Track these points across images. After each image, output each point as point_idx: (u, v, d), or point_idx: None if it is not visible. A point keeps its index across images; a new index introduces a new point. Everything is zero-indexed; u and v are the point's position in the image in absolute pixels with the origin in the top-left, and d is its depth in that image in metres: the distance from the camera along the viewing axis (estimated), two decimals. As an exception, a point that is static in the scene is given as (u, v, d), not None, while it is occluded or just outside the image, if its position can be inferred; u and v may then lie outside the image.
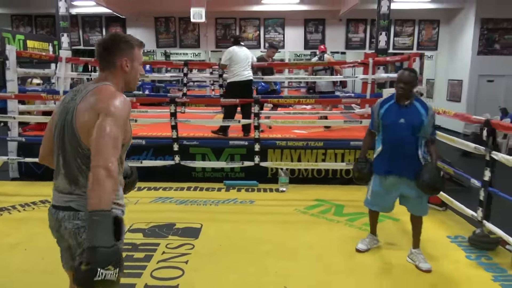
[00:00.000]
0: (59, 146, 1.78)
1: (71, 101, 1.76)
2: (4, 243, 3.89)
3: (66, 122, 1.74)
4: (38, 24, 13.85)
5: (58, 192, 1.82)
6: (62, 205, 1.78)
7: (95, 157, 1.59)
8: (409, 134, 3.34)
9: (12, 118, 5.85)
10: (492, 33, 11.98)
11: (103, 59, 1.82)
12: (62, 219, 1.76)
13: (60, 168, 1.79)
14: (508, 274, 3.41)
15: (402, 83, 3.31)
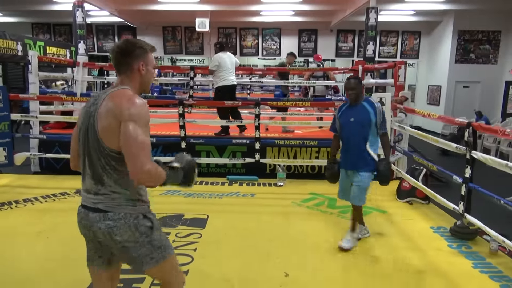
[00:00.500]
0: (85, 148, 1.72)
1: (92, 105, 1.70)
2: (28, 232, 3.85)
3: (89, 125, 1.68)
4: (56, 32, 13.76)
5: (86, 193, 1.76)
6: (90, 206, 1.72)
7: (130, 164, 1.57)
8: (357, 131, 3.49)
9: (34, 118, 5.81)
10: (468, 44, 12.01)
11: (120, 63, 1.75)
12: (93, 220, 1.71)
13: (86, 169, 1.73)
14: (486, 261, 3.42)
15: (350, 90, 3.51)
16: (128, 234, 1.70)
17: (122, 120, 1.59)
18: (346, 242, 3.56)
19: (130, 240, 1.71)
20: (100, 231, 1.70)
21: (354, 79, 3.58)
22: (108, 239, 1.71)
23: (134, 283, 2.94)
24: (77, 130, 1.77)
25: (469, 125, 3.48)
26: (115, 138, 1.61)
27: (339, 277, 3.11)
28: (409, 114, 5.69)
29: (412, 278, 3.12)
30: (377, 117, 3.47)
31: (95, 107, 1.67)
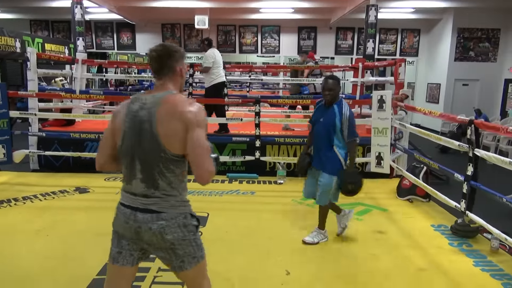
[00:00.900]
0: (134, 152, 1.71)
1: (141, 110, 1.69)
2: (28, 230, 3.83)
3: (143, 130, 1.68)
4: (55, 29, 13.69)
5: (132, 195, 1.75)
6: (140, 207, 1.73)
7: (199, 168, 1.66)
8: (324, 133, 3.44)
9: (33, 115, 5.77)
10: (468, 41, 12.00)
11: (164, 65, 1.76)
12: (144, 221, 1.71)
13: (135, 173, 1.72)
14: (487, 259, 3.41)
15: (328, 90, 3.42)
16: (178, 233, 1.74)
17: (190, 126, 1.65)
18: (309, 237, 3.62)
19: (179, 239, 1.74)
20: (150, 231, 1.71)
21: (332, 79, 3.47)
22: (158, 239, 1.72)
23: (135, 281, 2.91)
24: (119, 133, 1.74)
25: (471, 123, 3.47)
26: (178, 143, 1.67)
27: (340, 275, 3.09)
28: (408, 111, 5.67)
29: (413, 277, 3.11)
30: (342, 122, 3.36)
31: (147, 112, 1.68)
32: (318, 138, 3.51)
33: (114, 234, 1.83)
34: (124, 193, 1.79)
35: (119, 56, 15.55)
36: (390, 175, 5.72)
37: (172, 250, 1.76)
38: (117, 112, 1.80)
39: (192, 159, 1.68)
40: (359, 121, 6.46)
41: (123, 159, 1.77)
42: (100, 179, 5.63)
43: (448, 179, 5.60)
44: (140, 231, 1.73)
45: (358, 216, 4.38)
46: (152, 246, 1.78)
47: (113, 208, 1.86)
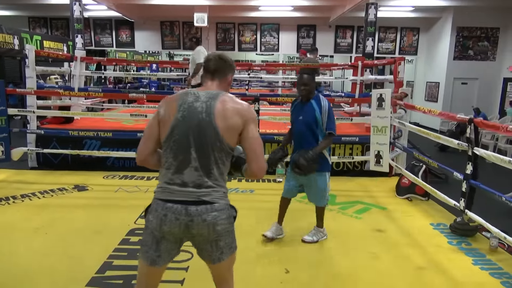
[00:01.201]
0: (190, 142, 1.75)
1: (196, 102, 1.78)
2: (26, 228, 3.82)
3: (201, 120, 1.75)
4: (53, 26, 13.63)
5: (182, 187, 1.75)
6: (192, 200, 1.74)
7: (255, 162, 1.81)
8: (305, 130, 3.35)
9: (31, 112, 5.75)
10: (467, 40, 12.00)
11: (221, 71, 1.91)
12: (196, 213, 1.73)
13: (190, 161, 1.75)
14: (486, 258, 3.42)
15: (303, 85, 3.33)
16: (225, 224, 1.80)
17: (248, 122, 1.79)
18: (308, 236, 3.61)
19: (224, 230, 1.80)
20: (204, 223, 1.74)
21: (307, 74, 3.37)
22: (210, 230, 1.76)
23: (134, 279, 2.91)
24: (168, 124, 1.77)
25: (471, 122, 3.47)
26: (235, 137, 1.79)
27: (339, 274, 3.09)
28: (408, 110, 5.67)
29: (412, 275, 3.12)
30: (322, 116, 3.31)
31: (204, 104, 1.77)
32: (301, 137, 3.40)
33: (152, 238, 1.79)
34: (169, 187, 1.77)
35: (118, 54, 15.52)
36: (389, 173, 5.72)
37: (216, 241, 1.80)
38: (167, 103, 1.84)
39: (250, 154, 1.81)
40: (359, 119, 6.50)
41: (173, 148, 1.77)
42: (98, 177, 5.62)
43: (447, 178, 5.60)
44: (191, 225, 1.74)
45: (357, 215, 4.39)
46: (197, 239, 1.80)
47: (111, 206, 1.87)
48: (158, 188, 1.82)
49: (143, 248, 1.82)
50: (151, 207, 1.82)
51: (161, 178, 1.82)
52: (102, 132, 5.66)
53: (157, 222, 1.76)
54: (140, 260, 1.84)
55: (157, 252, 1.80)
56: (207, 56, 1.95)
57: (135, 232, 3.74)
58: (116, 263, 3.15)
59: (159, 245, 1.79)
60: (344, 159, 5.77)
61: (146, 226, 1.83)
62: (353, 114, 7.58)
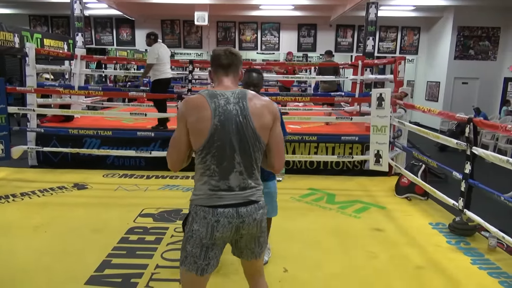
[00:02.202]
0: (233, 146, 1.73)
1: (228, 104, 1.73)
2: (26, 226, 3.83)
3: (239, 123, 1.72)
4: (54, 24, 13.62)
5: (227, 191, 1.75)
6: (241, 202, 1.76)
7: (279, 158, 1.86)
8: None
9: (31, 111, 5.76)
10: (468, 40, 11.98)
11: (234, 65, 1.87)
12: (247, 214, 1.76)
13: (234, 166, 1.74)
14: (485, 258, 3.42)
15: (252, 86, 2.81)
16: (265, 220, 1.87)
17: (276, 119, 1.83)
18: None
19: (265, 226, 1.87)
20: (254, 222, 1.79)
21: (256, 73, 2.91)
22: (258, 227, 1.82)
23: (132, 278, 2.92)
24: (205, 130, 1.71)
25: (470, 121, 3.47)
26: (268, 134, 1.81)
27: (338, 273, 3.10)
28: (408, 109, 5.67)
29: (411, 274, 3.12)
30: None
31: (237, 106, 1.74)
32: None
33: (201, 247, 1.76)
34: (216, 193, 1.75)
35: (118, 52, 15.51)
36: (389, 173, 5.72)
37: (258, 238, 1.86)
38: (195, 108, 1.73)
39: (275, 149, 1.85)
40: (359, 119, 6.50)
41: (215, 155, 1.73)
42: (98, 175, 5.63)
43: (447, 177, 5.60)
44: (242, 226, 1.77)
45: (356, 214, 4.39)
46: (244, 238, 1.84)
47: (111, 204, 1.89)
48: (201, 196, 1.77)
49: (190, 259, 1.77)
50: (195, 216, 1.77)
51: (201, 185, 1.78)
52: (102, 130, 5.67)
53: (207, 230, 1.73)
54: (186, 272, 1.80)
55: (206, 261, 1.78)
56: (215, 53, 1.87)
57: (134, 231, 3.75)
58: (115, 262, 3.16)
59: (208, 253, 1.77)
60: (343, 159, 5.78)
61: (190, 236, 1.77)
62: (353, 114, 7.58)
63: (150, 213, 4.22)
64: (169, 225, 3.88)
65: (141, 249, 3.38)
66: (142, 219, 4.05)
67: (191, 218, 1.78)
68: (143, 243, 3.51)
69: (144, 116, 5.99)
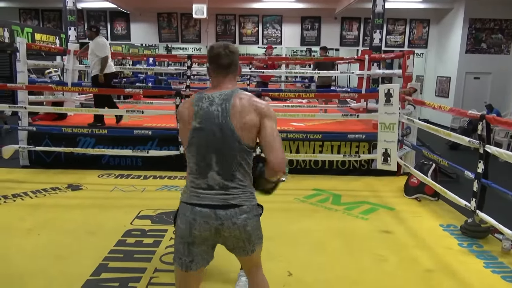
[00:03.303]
0: (210, 147, 1.84)
1: (211, 106, 1.84)
2: (19, 228, 3.85)
3: (217, 124, 1.82)
4: (45, 18, 13.65)
5: (207, 190, 1.85)
6: (220, 204, 1.83)
7: (272, 154, 1.84)
8: None
9: (23, 108, 5.78)
10: (480, 33, 11.97)
11: (234, 64, 1.94)
12: (226, 217, 1.82)
13: (211, 166, 1.84)
14: (498, 261, 3.43)
15: None
16: (255, 223, 1.91)
17: (267, 118, 1.86)
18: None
19: (255, 228, 1.91)
20: (234, 226, 1.83)
21: None
22: (241, 232, 1.86)
23: (130, 282, 2.94)
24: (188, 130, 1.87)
25: (483, 118, 3.48)
26: (251, 135, 1.85)
27: (344, 277, 3.12)
28: (418, 106, 5.68)
29: (421, 278, 3.13)
30: None
31: (219, 107, 1.83)
32: None
33: (183, 244, 1.87)
34: (196, 191, 1.87)
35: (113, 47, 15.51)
36: (397, 172, 5.73)
37: (248, 239, 1.90)
38: (185, 109, 1.91)
39: (270, 148, 1.86)
40: (365, 116, 6.51)
41: (194, 154, 1.87)
42: (93, 175, 5.65)
43: (458, 177, 5.61)
44: (221, 228, 1.83)
45: (363, 215, 4.41)
46: (230, 240, 1.89)
47: (107, 206, 1.91)
48: (185, 193, 1.91)
49: (176, 255, 1.90)
50: (179, 212, 1.89)
51: (187, 182, 1.92)
52: (96, 129, 5.68)
53: (186, 226, 1.84)
54: (175, 267, 1.93)
55: (190, 257, 1.87)
56: (214, 51, 1.92)
57: (131, 233, 3.77)
58: (111, 265, 3.18)
59: (190, 249, 1.87)
60: (350, 158, 5.79)
61: (176, 232, 1.91)
62: (360, 110, 7.58)
63: (148, 214, 4.24)
64: (168, 227, 3.90)
65: (139, 252, 3.40)
66: (139, 221, 4.07)
67: (176, 213, 1.91)
68: (141, 246, 3.53)
69: (141, 114, 6.00)
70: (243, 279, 2.93)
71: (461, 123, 10.09)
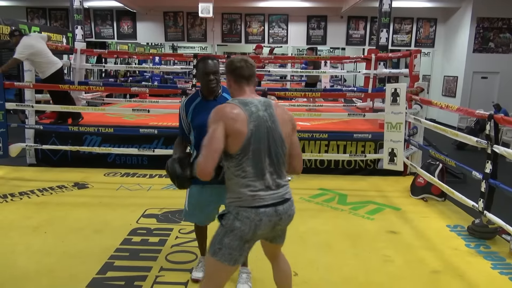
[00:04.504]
0: (264, 149, 1.98)
1: (259, 111, 1.99)
2: (25, 226, 3.87)
3: (270, 128, 2.00)
4: (52, 17, 13.71)
5: (267, 191, 1.99)
6: (279, 201, 2.02)
7: (299, 162, 2.21)
8: None
9: (30, 107, 5.81)
10: (488, 32, 11.88)
11: (254, 77, 2.14)
12: (284, 211, 2.03)
13: (267, 167, 1.99)
14: (506, 262, 3.40)
15: (212, 74, 2.55)
16: None
17: (295, 129, 2.17)
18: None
19: None
20: (289, 218, 2.10)
21: (213, 60, 2.60)
22: (289, 222, 2.13)
23: (136, 280, 2.95)
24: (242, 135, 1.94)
25: (491, 118, 3.45)
26: (289, 140, 2.10)
27: (350, 278, 3.10)
28: (425, 105, 5.64)
29: (427, 279, 3.11)
30: None
31: (266, 113, 2.01)
32: None
33: (240, 241, 1.98)
34: (257, 194, 1.97)
35: (119, 46, 15.59)
36: (404, 172, 5.70)
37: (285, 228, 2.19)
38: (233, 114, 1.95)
39: (296, 153, 2.17)
40: (372, 115, 6.48)
41: (251, 157, 1.96)
42: (99, 174, 5.67)
43: (465, 177, 5.57)
44: (279, 223, 2.04)
45: (369, 215, 4.39)
46: (276, 231, 2.12)
47: (113, 204, 1.93)
48: (242, 198, 1.98)
49: (226, 251, 1.98)
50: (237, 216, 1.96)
51: (239, 189, 1.98)
52: (103, 127, 5.70)
53: (250, 227, 1.96)
54: (217, 262, 2.00)
55: (241, 252, 2.01)
56: (236, 64, 2.09)
57: (137, 232, 3.78)
58: (117, 264, 3.19)
59: (245, 246, 2.02)
60: (356, 157, 5.76)
61: (230, 231, 1.97)
62: (366, 110, 7.54)
63: (154, 213, 4.25)
64: (174, 226, 3.91)
65: (145, 251, 3.41)
66: (145, 220, 4.08)
67: (232, 216, 1.98)
68: (146, 245, 3.53)
69: (147, 113, 6.01)
70: (244, 276, 2.93)
71: (468, 123, 10.03)
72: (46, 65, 5.82)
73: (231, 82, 2.11)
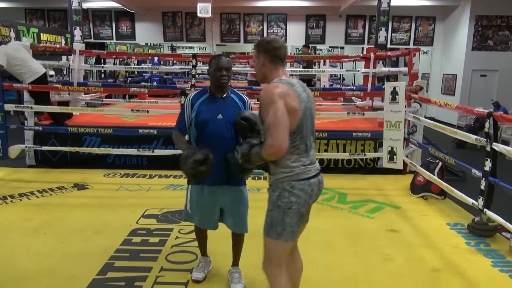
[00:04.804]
0: (308, 127, 2.13)
1: (303, 92, 2.12)
2: (25, 227, 3.87)
3: (311, 109, 2.16)
4: (50, 18, 13.70)
5: (311, 164, 2.14)
6: (318, 172, 2.18)
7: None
8: (227, 132, 2.64)
9: (29, 108, 5.80)
10: (486, 30, 11.87)
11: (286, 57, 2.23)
12: (322, 181, 2.20)
13: (311, 144, 2.17)
14: (507, 260, 3.40)
15: (224, 70, 2.60)
16: None
17: None
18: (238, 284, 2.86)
19: None
20: (323, 186, 2.24)
21: (227, 57, 2.68)
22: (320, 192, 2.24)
23: (136, 281, 2.95)
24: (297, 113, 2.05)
25: (490, 116, 3.45)
26: None
27: (351, 276, 3.10)
28: (424, 104, 5.64)
29: (428, 277, 3.12)
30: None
31: (306, 94, 2.14)
32: (222, 141, 2.62)
33: (298, 216, 2.11)
34: (307, 167, 2.12)
35: (118, 47, 15.58)
36: (403, 171, 5.70)
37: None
38: (287, 93, 2.04)
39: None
40: (371, 114, 6.48)
41: (303, 134, 2.10)
42: (99, 175, 5.67)
43: (465, 175, 5.57)
44: (318, 192, 2.20)
45: (369, 214, 4.39)
46: (310, 207, 2.23)
47: (112, 205, 1.91)
48: (295, 172, 2.08)
49: (289, 229, 2.10)
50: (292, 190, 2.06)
51: (291, 163, 2.08)
52: (102, 128, 5.70)
53: (305, 198, 2.10)
54: (283, 243, 2.12)
55: (298, 225, 2.15)
56: (274, 44, 2.16)
57: (137, 232, 3.78)
58: (118, 265, 3.18)
59: (301, 218, 2.15)
60: (355, 156, 5.76)
61: (288, 208, 2.07)
62: (365, 109, 7.55)
63: (154, 214, 4.25)
64: (174, 226, 3.91)
65: (145, 252, 3.41)
66: (145, 220, 4.08)
67: (287, 193, 2.07)
68: (146, 245, 3.53)
69: (146, 113, 6.01)
70: (236, 276, 2.91)
71: (468, 121, 10.03)
72: (25, 74, 5.77)
73: (266, 61, 2.16)
